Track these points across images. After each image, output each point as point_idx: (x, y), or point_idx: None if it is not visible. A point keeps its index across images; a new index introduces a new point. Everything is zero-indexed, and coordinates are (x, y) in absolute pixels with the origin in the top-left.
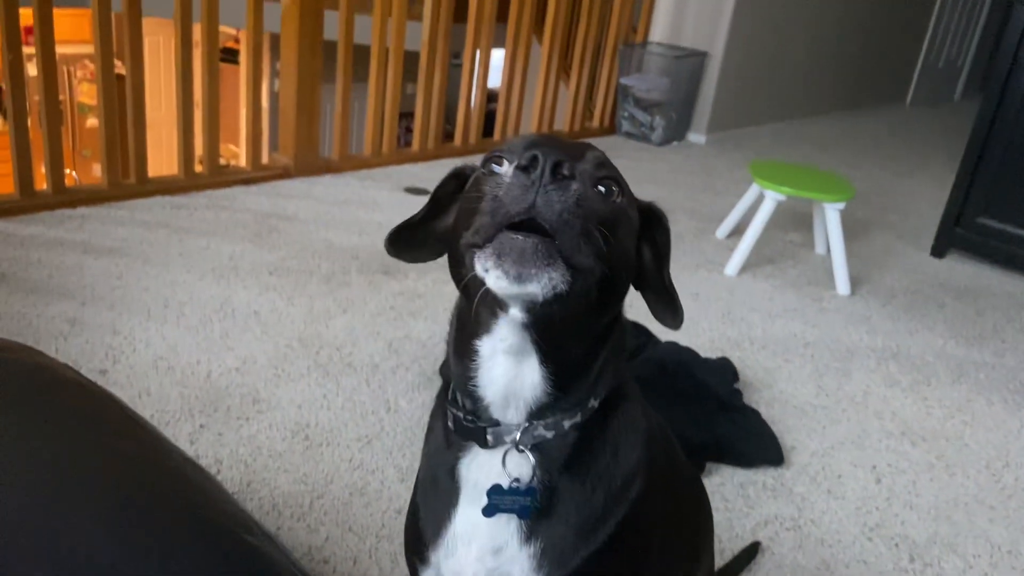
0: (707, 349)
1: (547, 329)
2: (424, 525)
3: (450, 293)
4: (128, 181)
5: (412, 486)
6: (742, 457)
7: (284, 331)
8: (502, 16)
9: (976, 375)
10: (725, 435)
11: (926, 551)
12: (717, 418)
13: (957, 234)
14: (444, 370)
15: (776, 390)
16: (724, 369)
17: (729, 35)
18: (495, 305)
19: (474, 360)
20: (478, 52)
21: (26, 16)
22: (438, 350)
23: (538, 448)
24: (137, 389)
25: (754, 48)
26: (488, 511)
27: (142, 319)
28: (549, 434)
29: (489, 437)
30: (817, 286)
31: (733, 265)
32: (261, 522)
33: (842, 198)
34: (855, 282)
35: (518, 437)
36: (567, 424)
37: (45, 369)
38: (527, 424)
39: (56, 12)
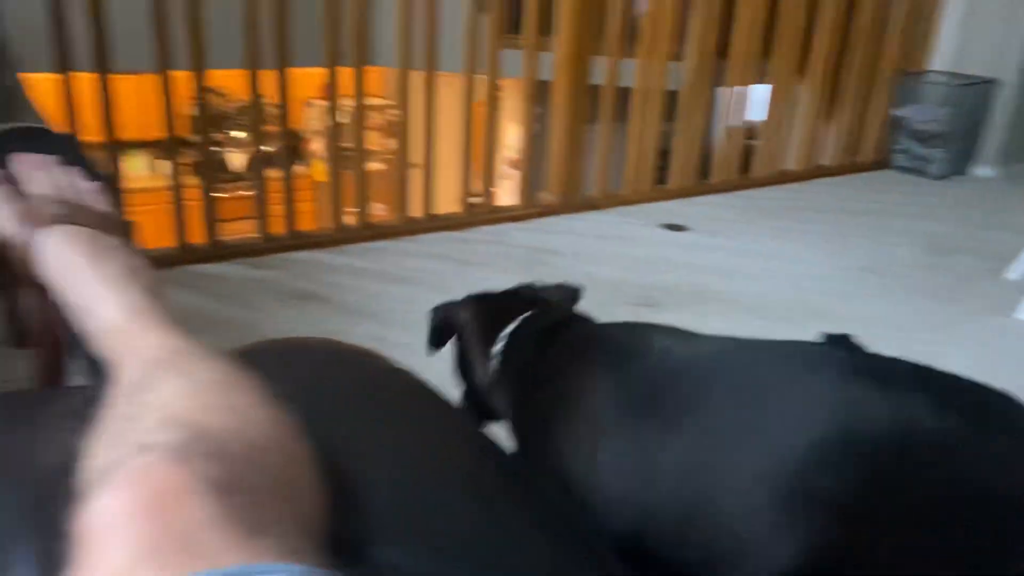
0: None
1: None
2: None
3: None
4: (418, 217)
5: None
6: None
7: None
8: (763, 51)
9: None
10: None
11: None
12: None
13: None
14: None
15: None
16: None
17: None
18: None
19: None
20: (734, 88)
21: (325, 75)
22: None
23: None
24: None
25: None
26: None
27: None
28: None
29: None
30: None
31: None
32: None
33: None
34: None
35: None
36: None
37: (398, 371)
38: None
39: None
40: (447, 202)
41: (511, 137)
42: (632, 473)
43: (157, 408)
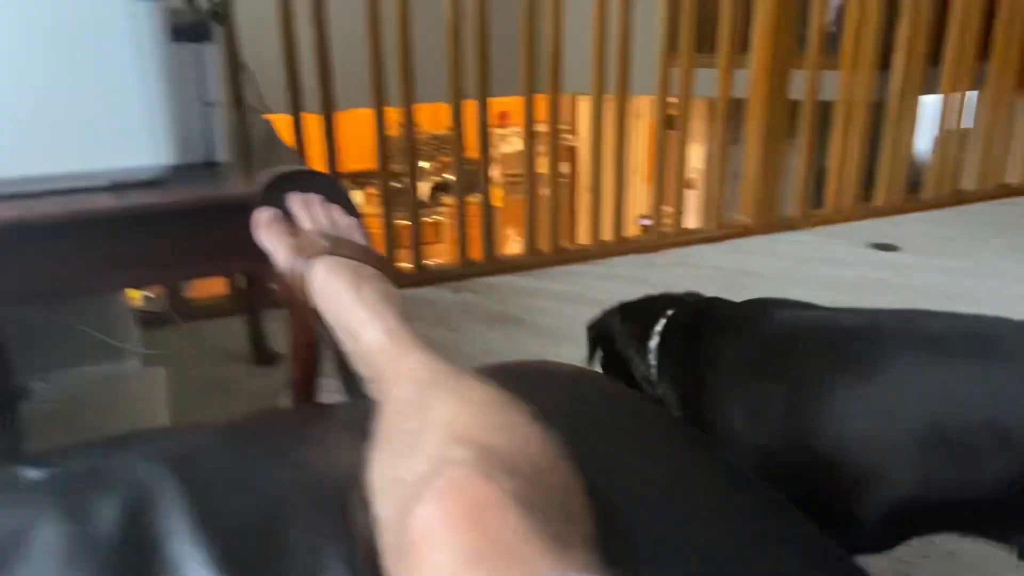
0: None
1: None
2: None
3: None
4: (608, 240)
5: None
6: None
7: None
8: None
9: None
10: None
11: None
12: None
13: None
14: None
15: None
16: None
17: None
18: None
19: None
20: (946, 96)
21: (498, 103)
22: None
23: None
24: None
25: None
26: None
27: None
28: None
29: None
30: None
31: None
32: None
33: None
34: None
35: None
36: None
37: (628, 392)
38: None
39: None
40: (628, 224)
41: (694, 158)
42: (752, 421)
43: (441, 426)
